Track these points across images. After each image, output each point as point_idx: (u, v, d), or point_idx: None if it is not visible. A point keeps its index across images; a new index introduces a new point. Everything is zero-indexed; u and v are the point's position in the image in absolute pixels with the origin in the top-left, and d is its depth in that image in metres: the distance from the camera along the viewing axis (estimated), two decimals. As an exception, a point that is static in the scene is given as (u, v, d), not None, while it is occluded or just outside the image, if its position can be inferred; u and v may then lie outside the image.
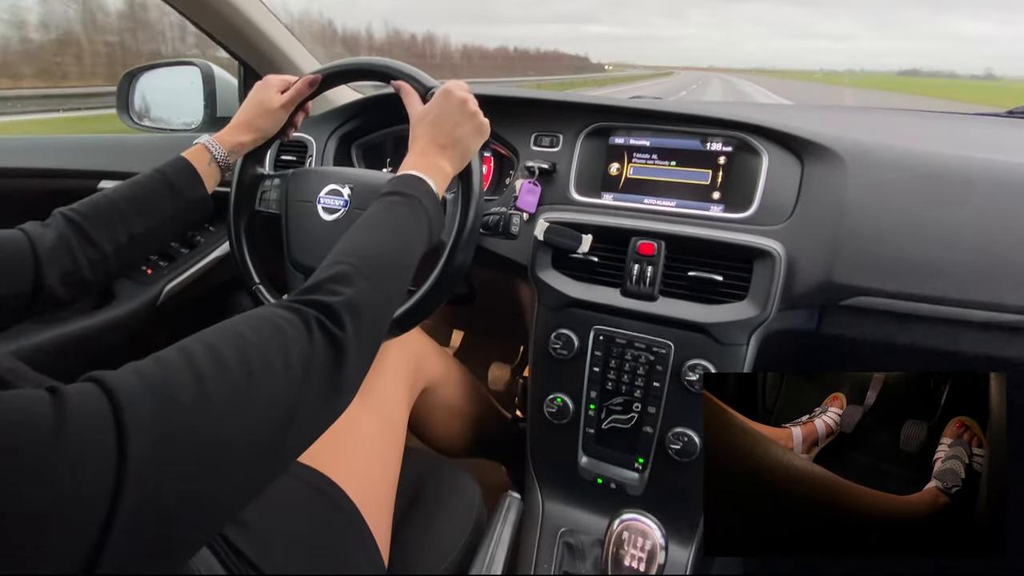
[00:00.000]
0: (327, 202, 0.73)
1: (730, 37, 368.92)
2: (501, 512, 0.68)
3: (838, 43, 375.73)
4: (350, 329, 0.41)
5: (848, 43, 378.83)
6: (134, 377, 0.31)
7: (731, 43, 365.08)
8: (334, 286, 0.44)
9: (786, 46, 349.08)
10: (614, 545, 0.62)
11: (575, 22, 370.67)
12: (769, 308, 0.67)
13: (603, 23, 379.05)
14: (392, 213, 0.54)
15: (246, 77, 1.08)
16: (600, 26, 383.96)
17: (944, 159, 0.70)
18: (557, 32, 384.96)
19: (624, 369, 0.73)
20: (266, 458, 0.35)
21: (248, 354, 0.36)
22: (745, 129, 0.76)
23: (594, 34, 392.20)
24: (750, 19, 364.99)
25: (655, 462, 0.73)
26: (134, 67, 1.08)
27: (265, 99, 0.71)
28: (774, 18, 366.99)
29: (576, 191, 0.82)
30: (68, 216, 0.57)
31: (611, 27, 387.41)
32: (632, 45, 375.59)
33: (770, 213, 0.73)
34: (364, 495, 0.60)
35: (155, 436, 0.29)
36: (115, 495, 0.27)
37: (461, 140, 0.63)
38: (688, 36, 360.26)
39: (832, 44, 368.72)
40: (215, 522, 0.35)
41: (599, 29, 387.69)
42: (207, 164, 0.66)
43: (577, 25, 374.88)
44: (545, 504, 0.80)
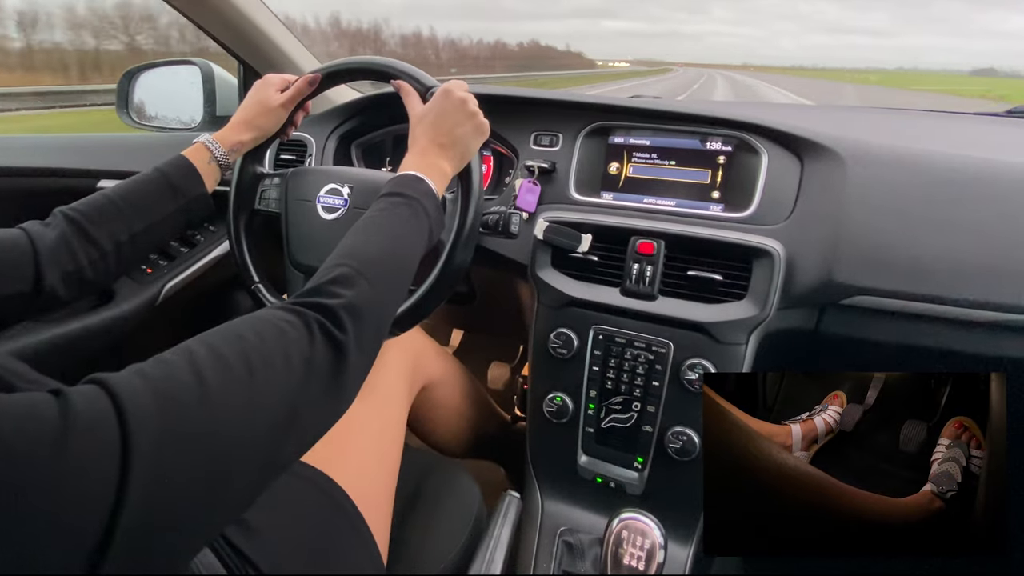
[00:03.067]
0: (327, 201, 0.73)
1: (760, 33, 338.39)
2: (500, 511, 0.68)
3: (877, 39, 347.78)
4: (351, 331, 0.42)
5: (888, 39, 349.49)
6: (137, 379, 0.31)
7: (762, 39, 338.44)
8: (335, 288, 0.44)
9: (823, 42, 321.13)
10: (613, 544, 0.62)
11: (593, 17, 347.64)
12: (768, 307, 0.67)
13: (621, 18, 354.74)
14: (392, 214, 0.54)
15: (246, 76, 1.08)
16: (619, 21, 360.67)
17: (944, 158, 0.70)
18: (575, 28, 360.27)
19: (623, 368, 0.73)
20: (267, 459, 0.36)
21: (250, 355, 0.36)
22: (745, 128, 0.76)
23: (615, 30, 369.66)
24: (780, 14, 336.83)
25: (654, 461, 0.73)
26: (134, 66, 1.08)
27: (265, 98, 0.71)
28: (805, 12, 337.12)
29: (576, 190, 0.82)
30: (68, 215, 0.56)
31: (632, 23, 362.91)
32: (658, 42, 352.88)
33: (770, 212, 0.73)
34: (364, 494, 0.60)
35: (159, 438, 0.29)
36: (119, 497, 0.27)
37: (461, 140, 0.63)
38: (716, 33, 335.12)
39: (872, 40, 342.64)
40: (217, 523, 0.35)
41: (619, 25, 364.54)
42: (207, 163, 0.66)
43: (596, 21, 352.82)
44: (544, 503, 0.80)
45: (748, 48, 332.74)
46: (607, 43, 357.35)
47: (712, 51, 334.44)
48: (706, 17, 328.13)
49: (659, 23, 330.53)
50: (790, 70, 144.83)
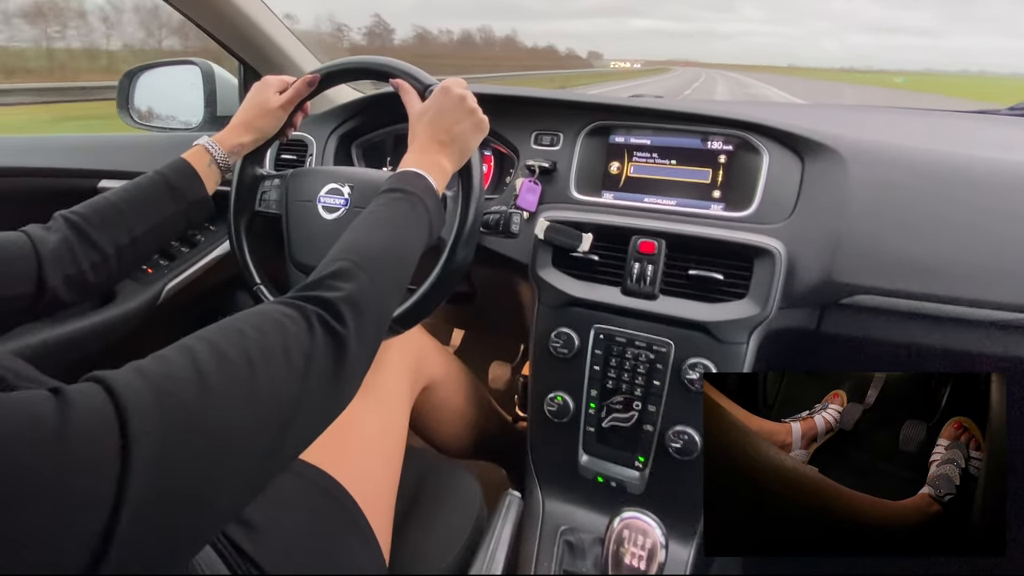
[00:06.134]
0: (327, 201, 0.73)
1: (798, 32, 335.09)
2: (501, 511, 0.68)
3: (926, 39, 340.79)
4: (351, 325, 0.42)
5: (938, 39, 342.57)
6: (136, 376, 0.31)
7: (801, 38, 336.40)
8: (335, 282, 0.44)
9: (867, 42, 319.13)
10: (614, 543, 0.62)
11: (617, 16, 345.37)
12: (769, 307, 0.67)
13: (646, 17, 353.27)
14: (392, 209, 0.54)
15: (246, 76, 1.07)
16: (646, 20, 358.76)
17: (945, 157, 0.70)
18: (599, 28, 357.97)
19: (624, 368, 0.73)
20: (268, 455, 0.35)
21: (250, 350, 0.36)
22: (745, 128, 0.76)
23: (642, 29, 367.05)
24: (815, 12, 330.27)
25: (655, 460, 0.73)
26: (134, 66, 1.08)
27: (264, 99, 0.71)
28: (839, 10, 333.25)
29: (576, 190, 0.82)
30: (70, 219, 0.57)
31: (660, 22, 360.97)
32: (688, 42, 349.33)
33: (771, 211, 0.73)
34: (365, 493, 0.60)
35: (158, 434, 0.29)
36: (119, 494, 0.27)
37: (460, 137, 0.63)
38: (752, 32, 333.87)
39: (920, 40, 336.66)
40: (218, 520, 0.35)
41: (647, 24, 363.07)
42: (207, 165, 0.66)
43: (622, 20, 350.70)
44: (545, 503, 0.80)
45: (787, 48, 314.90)
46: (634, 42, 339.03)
47: (750, 52, 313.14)
48: (736, 16, 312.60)
49: (687, 22, 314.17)
50: (840, 73, 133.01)
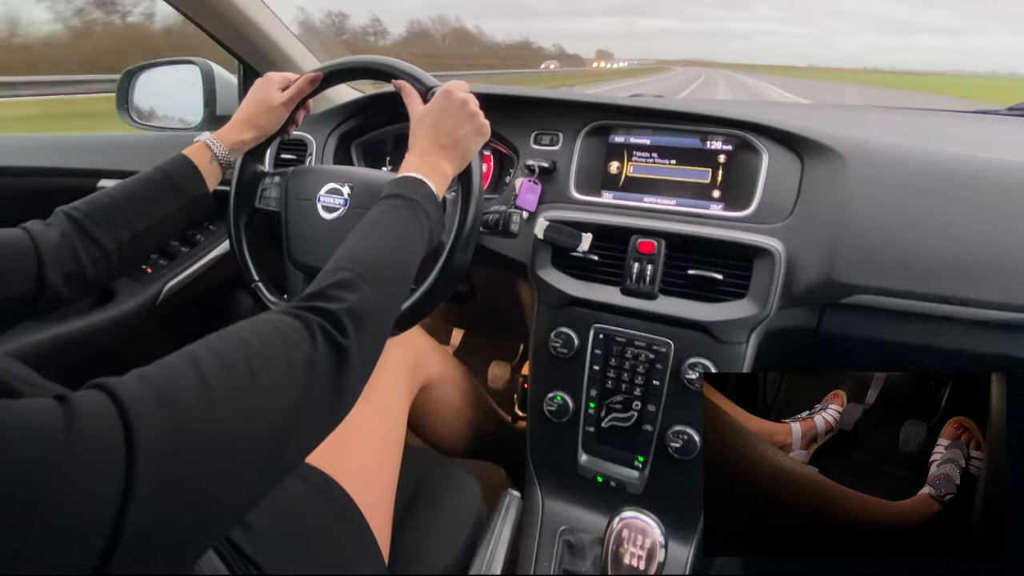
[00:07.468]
0: (327, 201, 0.73)
1: (814, 31, 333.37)
2: (501, 510, 0.68)
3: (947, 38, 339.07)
4: (353, 336, 0.42)
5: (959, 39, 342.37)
6: (140, 383, 0.31)
7: (817, 38, 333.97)
8: (337, 292, 0.44)
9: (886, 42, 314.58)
10: (614, 543, 0.62)
11: (627, 15, 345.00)
12: (769, 306, 0.67)
13: (657, 16, 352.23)
14: (393, 217, 0.54)
15: (246, 76, 1.07)
16: (658, 19, 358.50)
17: (945, 157, 0.70)
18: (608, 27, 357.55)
19: (624, 367, 0.73)
20: (270, 462, 0.36)
21: (252, 359, 0.36)
22: (745, 127, 0.76)
23: (654, 28, 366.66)
24: (829, 11, 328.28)
25: (655, 460, 0.73)
26: (134, 65, 1.08)
27: (266, 96, 0.70)
28: (854, 9, 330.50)
29: (576, 190, 0.82)
30: (70, 214, 0.56)
31: (672, 20, 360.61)
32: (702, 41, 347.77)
33: (770, 211, 0.73)
34: (365, 493, 0.60)
35: (163, 442, 0.29)
36: (124, 501, 0.27)
37: (461, 141, 0.63)
38: (767, 32, 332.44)
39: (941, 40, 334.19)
40: (220, 526, 0.35)
41: (658, 23, 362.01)
42: (208, 162, 0.66)
43: (633, 19, 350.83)
44: (545, 502, 0.80)
45: (804, 48, 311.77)
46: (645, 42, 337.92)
47: (766, 52, 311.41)
48: (750, 14, 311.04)
49: (700, 21, 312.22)
50: (864, 74, 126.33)
